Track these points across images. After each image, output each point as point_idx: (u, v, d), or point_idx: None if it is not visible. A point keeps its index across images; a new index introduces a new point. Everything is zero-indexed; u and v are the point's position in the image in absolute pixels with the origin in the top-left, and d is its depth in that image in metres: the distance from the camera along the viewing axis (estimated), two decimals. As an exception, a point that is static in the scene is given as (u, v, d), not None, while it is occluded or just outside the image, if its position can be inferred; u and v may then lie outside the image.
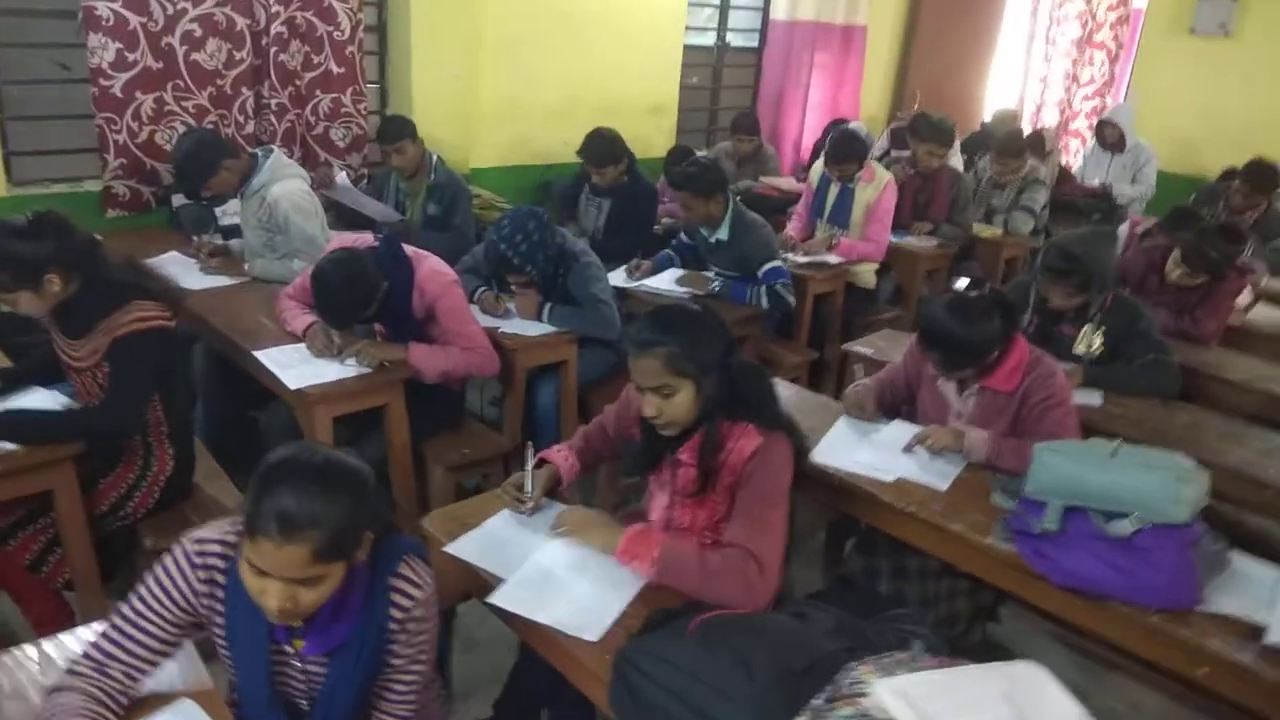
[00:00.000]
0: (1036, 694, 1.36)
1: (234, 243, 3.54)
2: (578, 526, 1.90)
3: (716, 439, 1.83)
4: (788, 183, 5.47)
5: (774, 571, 1.71)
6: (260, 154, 3.33)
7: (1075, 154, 7.58)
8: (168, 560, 1.39)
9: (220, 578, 1.38)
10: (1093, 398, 2.74)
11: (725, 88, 6.36)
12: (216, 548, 1.39)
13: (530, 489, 1.98)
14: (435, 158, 4.02)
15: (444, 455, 2.87)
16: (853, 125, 4.55)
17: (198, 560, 1.38)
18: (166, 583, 1.37)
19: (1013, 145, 5.17)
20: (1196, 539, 1.80)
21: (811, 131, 6.50)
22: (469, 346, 2.81)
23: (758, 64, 6.44)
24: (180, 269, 3.32)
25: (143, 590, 1.39)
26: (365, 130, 4.34)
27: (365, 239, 2.86)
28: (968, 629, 2.41)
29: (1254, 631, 1.75)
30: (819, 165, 4.51)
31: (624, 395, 2.14)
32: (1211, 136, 6.70)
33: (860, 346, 3.10)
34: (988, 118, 7.30)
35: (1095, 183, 6.30)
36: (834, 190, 4.38)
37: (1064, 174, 6.48)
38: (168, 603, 1.37)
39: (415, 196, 4.03)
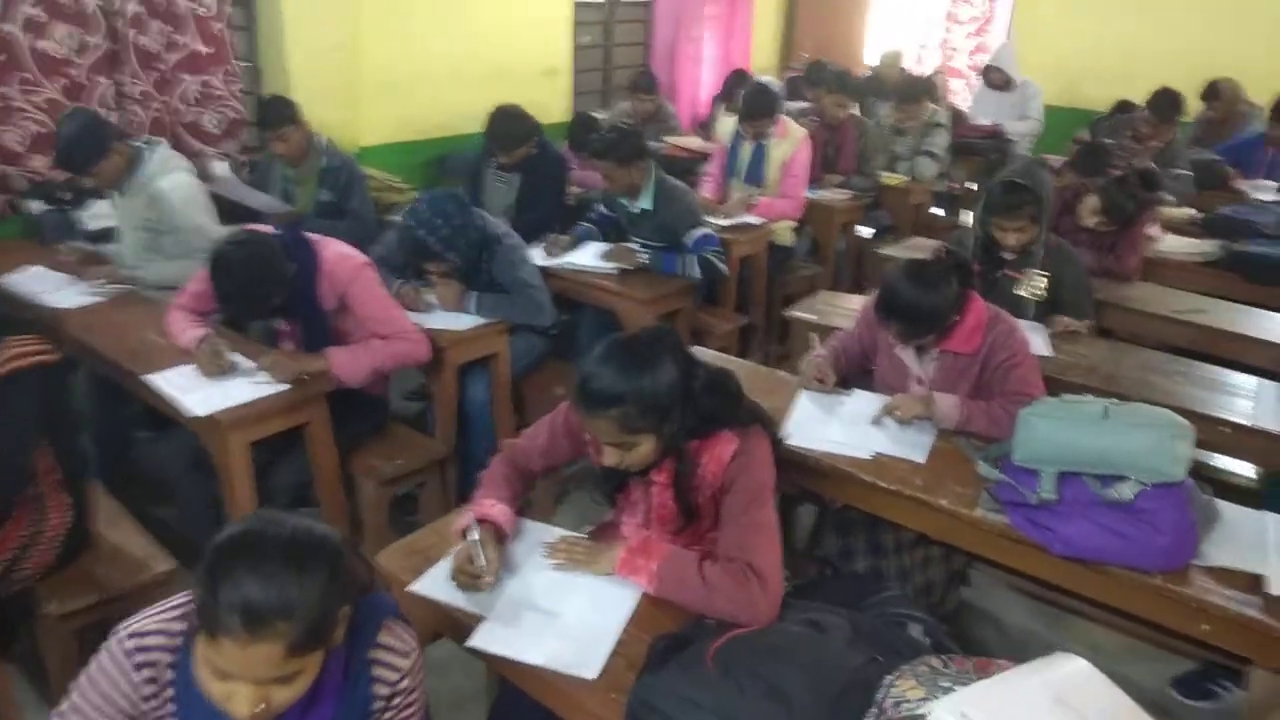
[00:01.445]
0: (1085, 689, 1.28)
1: (108, 248, 3.18)
2: (576, 558, 1.74)
3: (690, 467, 1.68)
4: (694, 141, 5.32)
5: (777, 581, 1.59)
6: (145, 146, 2.98)
7: (957, 94, 7.66)
8: (99, 663, 1.16)
9: (167, 674, 1.16)
10: (1042, 348, 2.71)
11: (617, 45, 6.14)
12: (158, 640, 1.17)
13: (483, 561, 1.68)
14: (324, 139, 3.70)
15: (374, 468, 2.64)
16: (764, 79, 4.42)
17: (138, 658, 1.15)
18: (102, 689, 1.15)
19: (913, 90, 5.15)
20: (1190, 494, 1.76)
21: (707, 86, 6.35)
22: (393, 334, 2.58)
23: (649, 19, 6.23)
24: (47, 285, 2.95)
25: (75, 698, 1.16)
26: (242, 114, 3.98)
27: (259, 228, 2.58)
28: (944, 595, 2.36)
29: (1251, 582, 1.73)
30: (730, 122, 4.37)
31: (554, 422, 1.90)
32: (1093, 69, 6.85)
33: (802, 312, 2.99)
34: (871, 61, 7.31)
35: (985, 122, 6.37)
36: (747, 148, 4.26)
37: (956, 115, 6.53)
38: (105, 715, 1.15)
39: (305, 183, 3.70)
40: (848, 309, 3.02)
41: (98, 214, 3.35)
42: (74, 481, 2.08)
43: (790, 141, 4.19)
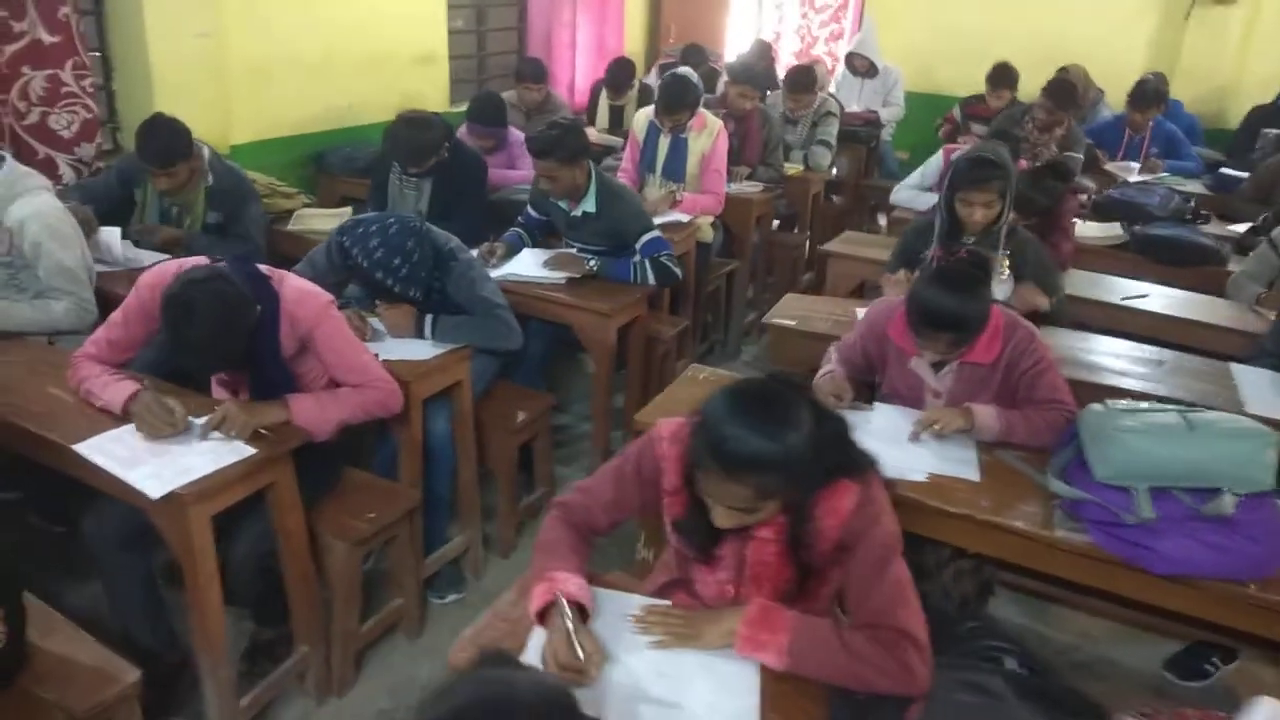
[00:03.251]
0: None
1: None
2: (677, 631, 1.52)
3: (808, 524, 1.50)
4: (591, 133, 5.07)
5: (927, 642, 1.44)
6: (-13, 163, 2.46)
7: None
8: None
9: None
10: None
11: (491, 30, 5.79)
12: None
13: (580, 651, 1.43)
14: (208, 153, 3.21)
15: (346, 527, 2.29)
16: (682, 70, 4.25)
17: None
18: None
19: (804, 79, 5.12)
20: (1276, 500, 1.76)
21: (584, 73, 6.11)
22: (363, 382, 2.24)
23: (522, 4, 5.91)
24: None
25: None
26: (96, 113, 3.40)
27: (198, 262, 2.17)
28: (976, 608, 2.31)
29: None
30: (644, 114, 4.17)
31: (621, 472, 1.68)
32: (944, 54, 7.10)
33: (779, 318, 2.86)
34: (728, 48, 7.29)
35: (852, 108, 6.49)
36: (665, 142, 4.08)
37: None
38: None
39: (192, 207, 3.20)
40: (824, 313, 2.92)
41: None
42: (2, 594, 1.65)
43: (709, 134, 4.05)
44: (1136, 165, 5.18)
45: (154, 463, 1.92)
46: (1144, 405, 1.93)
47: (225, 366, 2.05)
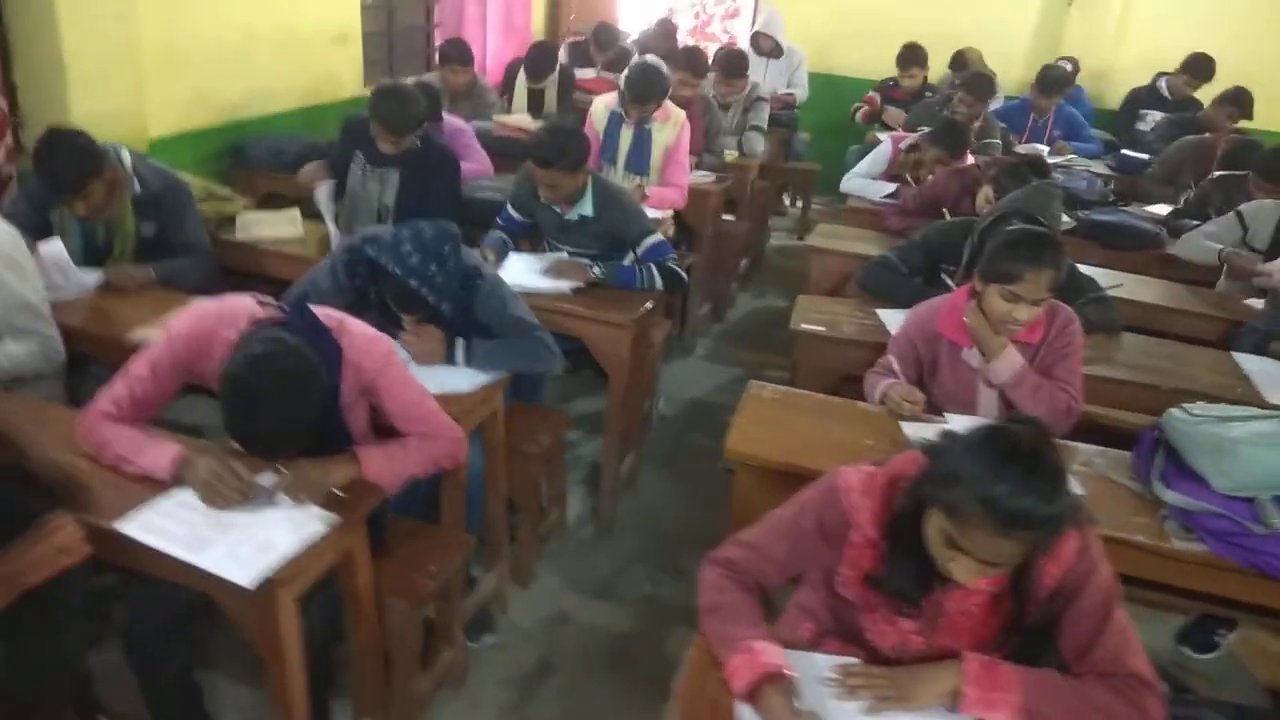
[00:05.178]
0: None
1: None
2: (885, 693, 1.44)
3: (1035, 574, 1.43)
4: (524, 120, 4.84)
5: (1158, 685, 1.42)
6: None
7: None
8: None
9: None
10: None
11: (400, 8, 5.40)
12: None
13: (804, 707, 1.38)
14: (129, 158, 2.77)
15: (410, 585, 2.07)
16: (648, 58, 4.06)
17: None
18: None
19: (739, 63, 5.05)
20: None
21: (497, 56, 5.81)
22: (428, 431, 2.02)
23: (430, -23, 5.55)
24: None
25: None
26: (3, 111, 2.91)
27: (240, 307, 1.88)
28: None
29: None
30: (603, 104, 3.99)
31: (796, 525, 1.58)
32: (844, 36, 7.20)
33: (806, 324, 2.79)
34: (624, 26, 7.11)
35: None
36: (627, 133, 3.92)
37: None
38: None
39: (120, 224, 2.78)
40: (844, 315, 2.87)
41: None
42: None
43: (673, 124, 3.92)
44: (1046, 148, 5.43)
45: (223, 539, 1.65)
46: (1234, 411, 2.00)
47: (291, 450, 1.78)
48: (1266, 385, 2.60)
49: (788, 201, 7.18)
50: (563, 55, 5.97)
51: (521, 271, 2.99)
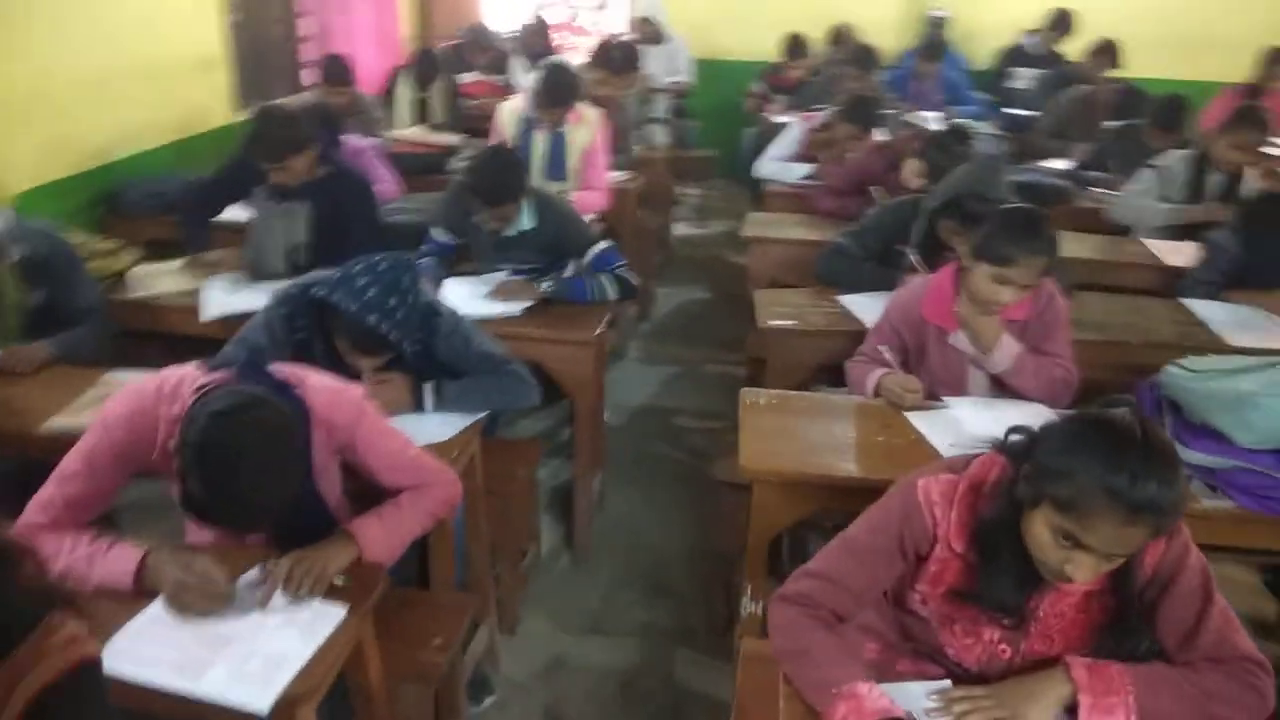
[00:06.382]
0: None
1: None
2: (1001, 715, 1.34)
3: (1137, 565, 1.37)
4: (416, 133, 4.57)
5: (1267, 662, 1.38)
6: None
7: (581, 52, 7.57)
8: None
9: None
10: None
11: (262, 23, 5.01)
12: None
13: None
14: (4, 220, 2.41)
15: (410, 662, 1.86)
16: (558, 58, 3.87)
17: None
18: None
19: (624, 59, 4.91)
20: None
21: (367, 67, 5.48)
22: (420, 481, 1.82)
23: (290, -9, 5.18)
24: None
25: None
26: None
27: (181, 378, 1.64)
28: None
29: None
30: (510, 110, 3.79)
31: (874, 547, 1.47)
32: (721, 18, 7.15)
33: (776, 320, 2.69)
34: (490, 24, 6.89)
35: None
36: (542, 138, 3.73)
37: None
38: None
39: (2, 296, 2.43)
40: (805, 305, 2.79)
41: None
42: None
43: (588, 125, 3.76)
44: (935, 115, 5.51)
45: (221, 657, 1.42)
46: (1231, 363, 2.01)
47: (276, 517, 1.55)
48: (1225, 329, 2.66)
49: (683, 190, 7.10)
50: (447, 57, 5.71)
51: (464, 298, 2.78)
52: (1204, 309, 2.80)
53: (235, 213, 3.18)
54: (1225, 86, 5.55)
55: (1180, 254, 3.23)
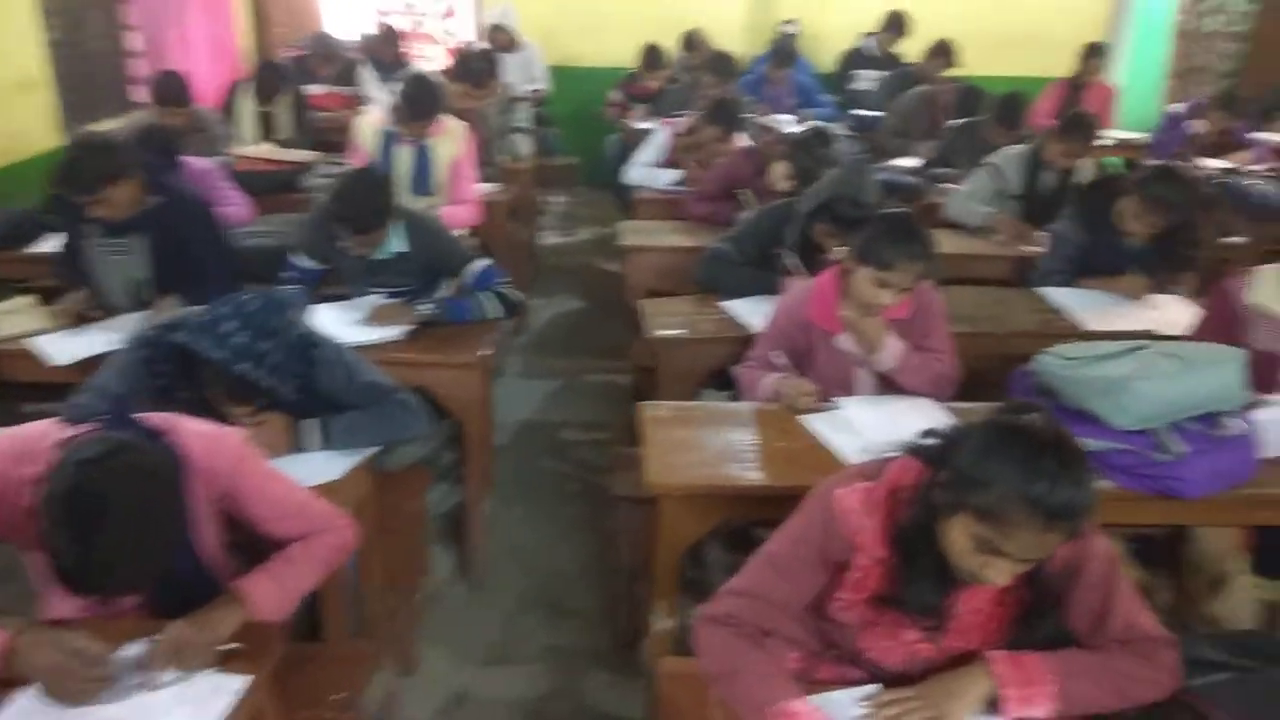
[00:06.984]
0: None
1: None
2: (929, 714, 1.36)
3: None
4: (265, 149, 4.33)
5: (1169, 638, 1.45)
6: None
7: (433, 60, 7.38)
8: None
9: None
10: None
11: (92, 39, 4.64)
12: None
13: None
14: None
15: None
16: (416, 70, 3.71)
17: None
18: None
19: (480, 68, 4.82)
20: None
21: (205, 81, 5.17)
22: (311, 528, 1.70)
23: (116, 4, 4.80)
24: None
25: None
26: None
27: (38, 434, 1.48)
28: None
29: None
30: (369, 124, 3.64)
31: (796, 557, 1.48)
32: (571, 26, 7.11)
33: (662, 330, 2.68)
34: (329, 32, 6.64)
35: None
36: (406, 153, 3.60)
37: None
38: None
39: None
40: (691, 312, 2.79)
41: None
42: None
43: (453, 137, 3.65)
44: (789, 118, 5.66)
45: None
46: (1101, 349, 2.11)
47: (153, 577, 1.41)
48: (1078, 315, 2.83)
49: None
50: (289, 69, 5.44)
51: (336, 324, 2.64)
52: (1057, 296, 2.97)
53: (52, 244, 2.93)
54: (1050, 82, 5.95)
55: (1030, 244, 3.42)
